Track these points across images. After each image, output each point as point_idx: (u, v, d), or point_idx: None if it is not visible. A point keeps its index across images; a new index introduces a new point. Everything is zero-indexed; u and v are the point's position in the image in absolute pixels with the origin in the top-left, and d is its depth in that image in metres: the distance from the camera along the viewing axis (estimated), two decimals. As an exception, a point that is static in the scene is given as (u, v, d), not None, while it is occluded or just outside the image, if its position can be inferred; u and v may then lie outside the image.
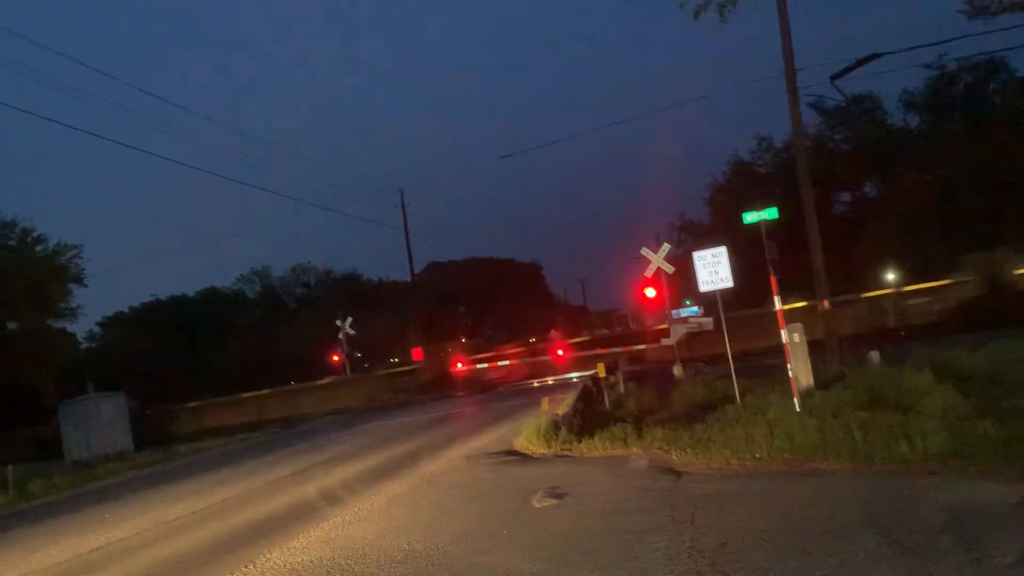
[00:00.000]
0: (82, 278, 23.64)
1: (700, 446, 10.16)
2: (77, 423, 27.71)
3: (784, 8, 13.58)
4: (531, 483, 9.78)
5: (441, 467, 12.59)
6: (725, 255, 13.04)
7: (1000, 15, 12.77)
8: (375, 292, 64.38)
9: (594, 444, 11.88)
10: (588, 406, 16.50)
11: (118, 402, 29.17)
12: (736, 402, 13.03)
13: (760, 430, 9.96)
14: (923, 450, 7.92)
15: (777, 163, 42.23)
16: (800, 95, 14.40)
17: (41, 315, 23.08)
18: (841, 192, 43.62)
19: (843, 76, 14.08)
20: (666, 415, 13.69)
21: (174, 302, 57.87)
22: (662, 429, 11.65)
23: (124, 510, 13.91)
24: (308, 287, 66.28)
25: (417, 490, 10.76)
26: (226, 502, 12.72)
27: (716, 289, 13.31)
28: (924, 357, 13.53)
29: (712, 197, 46.10)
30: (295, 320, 54.71)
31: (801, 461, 8.77)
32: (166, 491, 15.87)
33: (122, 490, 17.51)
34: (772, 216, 11.80)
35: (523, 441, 13.63)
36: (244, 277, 63.97)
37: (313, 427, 28.87)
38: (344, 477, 13.34)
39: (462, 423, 20.96)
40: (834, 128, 42.10)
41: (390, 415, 27.26)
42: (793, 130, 14.73)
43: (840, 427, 9.11)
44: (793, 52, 13.70)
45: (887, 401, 10.39)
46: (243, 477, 15.84)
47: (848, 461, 8.30)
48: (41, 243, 22.63)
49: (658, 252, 20.30)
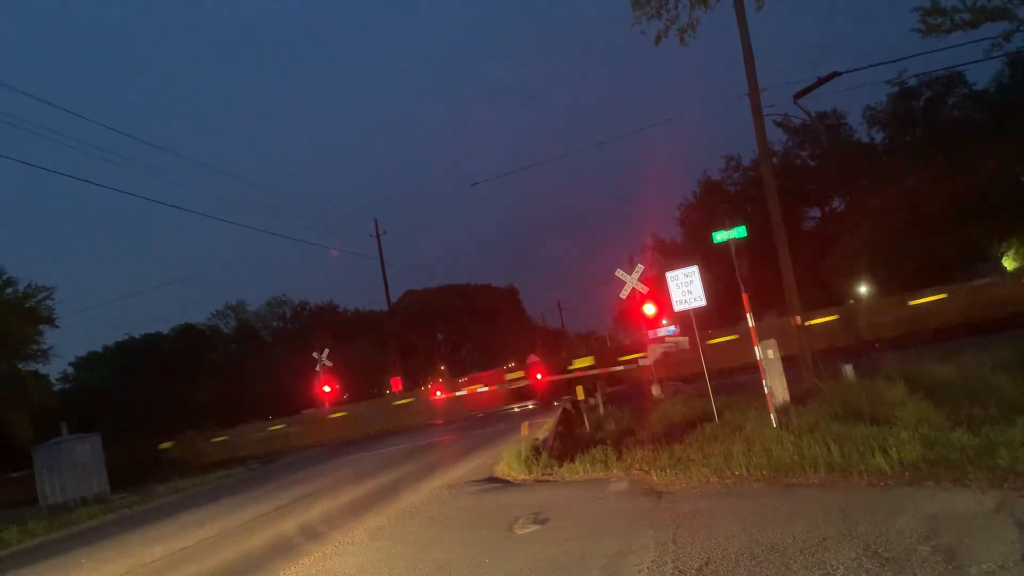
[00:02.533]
0: (54, 319, 23.38)
1: (680, 466, 10.20)
2: (51, 466, 27.13)
3: (745, 30, 13.86)
4: (513, 510, 9.76)
5: (422, 497, 12.51)
6: (697, 274, 13.17)
7: (952, 33, 13.15)
8: (352, 323, 64.08)
9: (575, 468, 11.89)
10: (568, 429, 16.49)
11: (94, 444, 28.60)
12: (714, 420, 13.12)
13: (738, 447, 10.03)
14: (899, 461, 8.02)
15: (746, 181, 42.78)
16: (766, 113, 14.70)
17: (11, 358, 22.75)
18: (810, 208, 44.24)
19: (805, 95, 14.37)
20: (646, 435, 13.73)
21: (149, 340, 57.19)
22: (642, 450, 11.69)
23: (102, 555, 13.64)
24: (284, 320, 65.83)
25: (399, 521, 10.68)
26: (204, 542, 12.52)
27: (690, 308, 13.42)
28: (897, 369, 13.71)
29: (683, 216, 46.56)
30: (271, 353, 54.26)
31: (779, 476, 8.84)
32: (144, 533, 15.58)
33: (99, 534, 17.17)
34: (741, 235, 11.96)
35: (504, 468, 13.60)
36: (219, 312, 63.45)
37: (293, 461, 28.55)
38: (325, 511, 13.21)
39: (443, 452, 20.85)
40: (801, 145, 42.79)
41: (371, 446, 27.04)
42: (759, 149, 15.00)
43: (816, 441, 9.21)
44: (756, 72, 14.00)
45: (862, 414, 10.50)
46: (222, 515, 15.61)
47: (826, 474, 8.38)
48: (11, 285, 22.39)
49: (632, 273, 20.47)
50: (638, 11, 11.54)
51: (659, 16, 11.59)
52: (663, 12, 11.51)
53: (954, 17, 13.24)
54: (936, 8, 13.77)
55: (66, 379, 54.68)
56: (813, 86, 14.15)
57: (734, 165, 44.31)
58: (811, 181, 41.96)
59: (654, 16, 11.59)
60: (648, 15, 11.53)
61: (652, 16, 11.58)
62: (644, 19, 11.67)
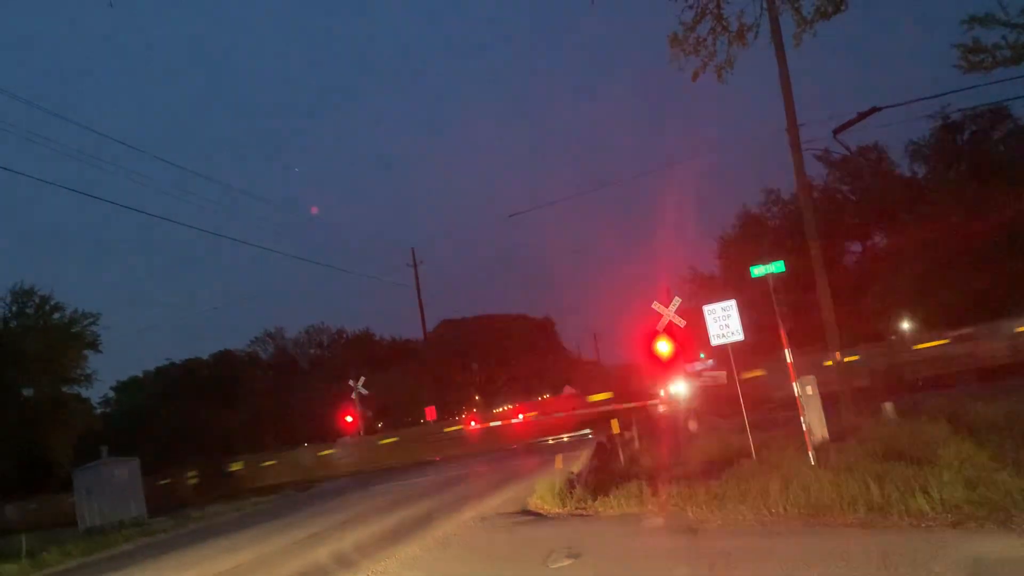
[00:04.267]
0: (98, 345, 23.95)
1: (716, 502, 10.06)
2: (91, 489, 27.58)
3: (784, 66, 13.86)
4: (546, 543, 9.69)
5: (455, 528, 12.49)
6: (735, 308, 13.07)
7: (994, 69, 13.01)
8: (388, 351, 64.40)
9: (609, 502, 11.78)
10: (603, 463, 16.38)
11: (132, 468, 29.03)
12: (751, 457, 12.93)
13: (775, 484, 9.87)
14: (940, 502, 7.85)
15: (786, 214, 42.38)
16: (805, 148, 14.61)
17: (56, 382, 23.27)
18: (850, 243, 43.65)
19: (845, 129, 14.32)
20: (681, 471, 13.57)
21: (188, 365, 58.01)
22: (677, 486, 11.55)
23: (137, 577, 13.83)
24: (321, 347, 66.39)
25: (431, 552, 10.67)
26: (239, 567, 12.62)
27: (727, 342, 13.31)
28: (939, 408, 13.44)
29: (722, 250, 46.19)
30: (308, 381, 54.70)
31: (818, 515, 8.68)
32: (178, 558, 15.75)
33: (135, 557, 17.38)
34: (779, 270, 11.87)
35: (537, 500, 13.52)
36: (258, 339, 64.21)
37: (327, 489, 28.67)
38: (357, 540, 13.23)
39: (476, 483, 20.79)
40: (841, 179, 42.35)
41: (404, 476, 27.05)
42: (798, 183, 14.91)
43: (855, 480, 9.03)
44: (795, 107, 13.98)
45: (902, 453, 10.29)
46: (256, 541, 15.72)
47: (865, 514, 8.22)
48: (58, 311, 23.00)
49: (669, 306, 20.34)
50: (675, 48, 11.62)
51: (696, 53, 11.67)
52: (700, 49, 11.58)
53: (996, 54, 13.12)
54: (977, 46, 13.66)
55: (107, 403, 55.63)
56: (853, 121, 14.08)
57: (773, 199, 43.92)
58: (852, 215, 41.44)
59: (691, 53, 11.67)
60: (686, 52, 11.61)
61: (689, 53, 11.66)
62: (682, 56, 11.76)
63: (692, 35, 11.39)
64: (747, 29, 12.39)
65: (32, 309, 22.35)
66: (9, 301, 22.50)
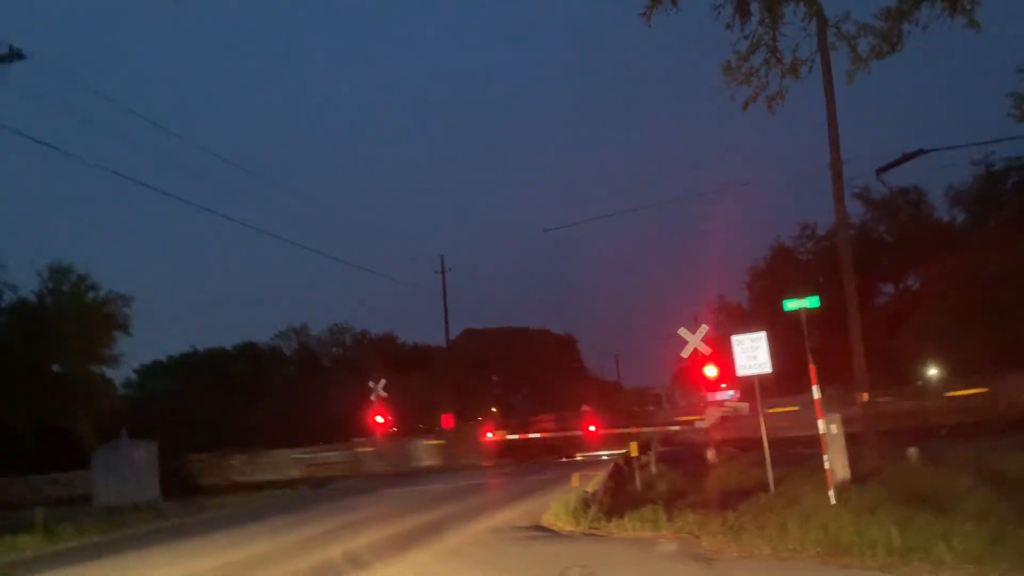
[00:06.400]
0: (128, 327, 24.31)
1: (732, 533, 10.02)
2: (109, 469, 27.91)
3: (832, 102, 13.82)
4: (560, 560, 9.68)
5: (467, 539, 12.52)
6: (764, 340, 13.01)
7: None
8: (410, 355, 64.55)
9: (624, 524, 11.75)
10: (619, 485, 16.33)
11: (150, 451, 29.34)
12: (770, 490, 12.85)
13: (794, 520, 9.80)
14: (962, 552, 7.75)
15: (819, 250, 42.08)
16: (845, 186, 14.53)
17: (86, 361, 23.64)
18: (883, 284, 43.25)
19: (889, 170, 14.24)
20: (698, 499, 13.51)
21: (212, 355, 58.53)
22: (693, 513, 11.50)
23: (151, 560, 13.98)
24: (344, 347, 66.66)
25: (443, 561, 10.71)
26: (252, 558, 12.72)
27: (754, 374, 13.25)
28: (964, 457, 13.26)
29: (752, 281, 45.93)
30: (329, 379, 54.96)
31: (835, 555, 8.61)
32: (193, 544, 15.90)
33: (150, 540, 17.54)
34: (813, 305, 11.81)
35: (551, 517, 13.52)
36: (282, 334, 64.56)
37: (340, 488, 28.77)
38: (370, 541, 13.30)
39: (489, 495, 20.82)
40: (879, 219, 42.02)
41: (416, 482, 27.12)
42: (837, 219, 14.81)
43: (877, 523, 8.94)
44: (839, 144, 13.91)
45: (925, 500, 10.17)
46: (269, 534, 15.83)
47: (884, 558, 8.14)
48: (94, 290, 23.40)
49: (696, 333, 20.27)
50: (727, 77, 11.66)
51: (748, 83, 11.68)
52: (753, 79, 11.60)
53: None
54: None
55: (129, 385, 56.22)
56: (898, 162, 14.00)
57: (808, 233, 43.65)
58: (886, 256, 41.07)
59: (743, 83, 11.69)
60: (738, 81, 11.64)
61: (741, 83, 11.68)
62: (733, 85, 11.79)
63: (745, 65, 11.42)
64: (800, 63, 12.40)
65: (68, 287, 22.83)
66: (46, 277, 22.95)
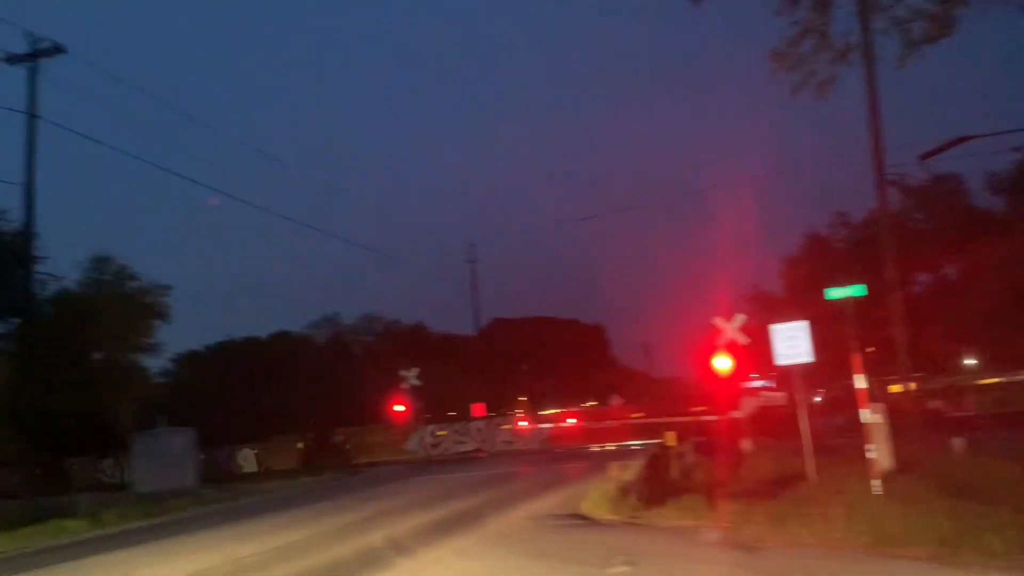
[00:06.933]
0: (167, 315, 24.70)
1: (775, 522, 9.97)
2: (148, 456, 28.39)
3: (874, 87, 13.64)
4: (601, 548, 9.72)
5: (507, 525, 12.59)
6: (806, 329, 12.91)
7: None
8: (439, 345, 64.85)
9: (664, 513, 11.76)
10: (655, 474, 16.28)
11: (188, 438, 29.79)
12: (808, 480, 12.78)
13: (838, 510, 9.75)
14: (1015, 543, 7.67)
15: (854, 239, 41.53)
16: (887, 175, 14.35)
17: (127, 348, 24.07)
18: (918, 273, 42.60)
19: (932, 156, 14.02)
20: (736, 489, 13.45)
21: (247, 343, 59.20)
22: (734, 503, 11.48)
23: (195, 545, 14.20)
24: (375, 336, 67.14)
25: (485, 546, 10.79)
26: (294, 543, 12.88)
27: (794, 363, 13.16)
28: (1008, 447, 13.11)
29: (786, 269, 45.47)
30: (360, 368, 55.42)
31: (882, 545, 8.54)
32: (234, 529, 16.12)
33: (190, 525, 17.84)
34: (859, 293, 11.69)
35: (590, 505, 13.55)
36: (315, 322, 65.20)
37: (375, 475, 29.05)
38: (410, 527, 13.41)
39: (524, 483, 20.89)
40: (915, 207, 41.35)
41: (450, 469, 27.29)
42: (879, 208, 14.65)
43: (925, 513, 8.88)
44: (881, 132, 13.73)
45: (973, 491, 10.07)
46: (309, 520, 16.02)
47: (934, 548, 8.07)
48: (134, 279, 23.79)
49: (731, 322, 20.14)
50: (776, 63, 11.53)
51: (798, 69, 11.54)
52: (802, 65, 11.46)
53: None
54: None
55: (165, 373, 57.02)
56: (941, 148, 13.77)
57: (843, 222, 43.08)
58: (922, 244, 40.44)
59: (792, 69, 11.55)
60: (787, 68, 11.50)
61: (791, 69, 11.55)
62: (782, 71, 11.67)
63: (794, 51, 11.27)
64: (851, 49, 12.21)
65: (109, 276, 23.26)
66: (89, 267, 23.37)
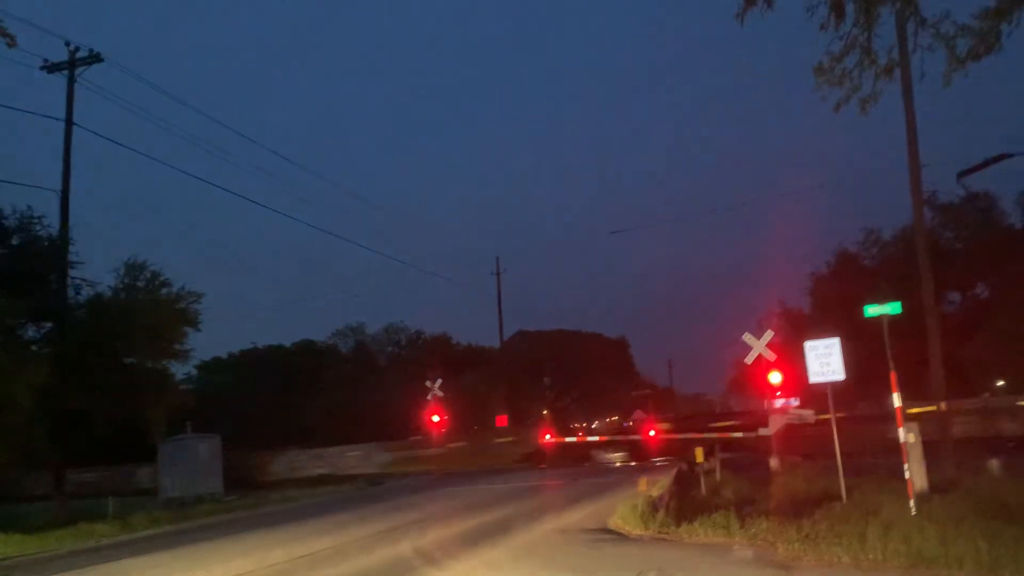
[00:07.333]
0: (198, 323, 24.92)
1: (808, 541, 9.87)
2: (175, 462, 28.68)
3: (911, 104, 13.53)
4: (633, 562, 9.69)
5: (536, 538, 12.57)
6: (838, 347, 12.79)
7: None
8: (463, 356, 64.90)
9: (694, 529, 11.66)
10: (683, 490, 16.22)
11: (213, 445, 30.09)
12: (841, 499, 12.64)
13: (873, 530, 9.63)
14: (1057, 567, 7.55)
15: (885, 256, 41.13)
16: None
17: (158, 354, 24.32)
18: (950, 292, 42.06)
19: (970, 174, 13.87)
20: (767, 506, 13.32)
21: (271, 352, 59.57)
22: (766, 520, 11.37)
23: (224, 551, 14.32)
24: (399, 346, 67.31)
25: (515, 558, 10.77)
26: (321, 552, 12.94)
27: (827, 381, 13.04)
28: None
29: (814, 287, 45.10)
30: (384, 378, 55.60)
31: (919, 567, 8.45)
32: (262, 536, 16.23)
33: (217, 531, 17.97)
34: (896, 311, 11.56)
35: (618, 520, 13.48)
36: (339, 332, 65.48)
37: (400, 486, 29.10)
38: (438, 538, 13.44)
39: (551, 496, 20.84)
40: (946, 225, 40.87)
41: (475, 481, 27.26)
42: (915, 226, 14.47)
43: (963, 535, 8.75)
44: (918, 149, 13.59)
45: (1011, 513, 9.91)
46: (336, 528, 16.08)
47: (972, 570, 7.95)
48: (166, 287, 24.07)
49: (761, 339, 20.03)
50: (820, 78, 11.45)
51: (840, 84, 11.46)
52: (845, 81, 11.38)
53: None
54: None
55: (190, 380, 57.51)
56: (980, 166, 13.62)
57: (873, 239, 42.69)
58: (955, 263, 39.93)
59: (836, 84, 11.47)
60: (830, 83, 11.43)
61: (834, 84, 11.47)
62: (825, 87, 11.57)
63: (838, 66, 11.20)
64: (895, 65, 12.08)
65: (143, 283, 23.53)
66: (123, 273, 23.65)
